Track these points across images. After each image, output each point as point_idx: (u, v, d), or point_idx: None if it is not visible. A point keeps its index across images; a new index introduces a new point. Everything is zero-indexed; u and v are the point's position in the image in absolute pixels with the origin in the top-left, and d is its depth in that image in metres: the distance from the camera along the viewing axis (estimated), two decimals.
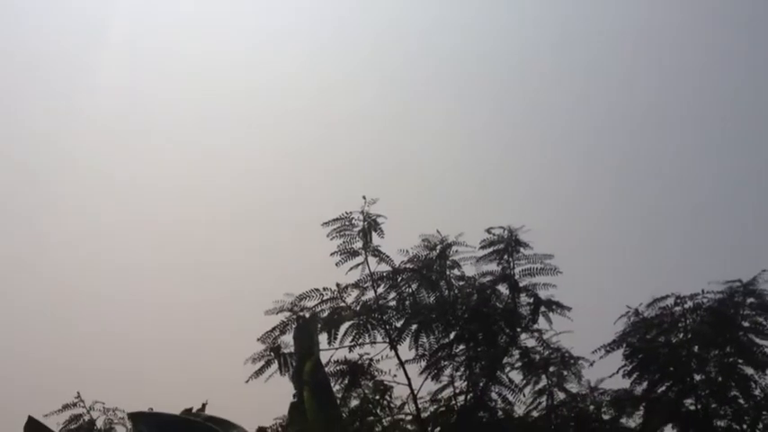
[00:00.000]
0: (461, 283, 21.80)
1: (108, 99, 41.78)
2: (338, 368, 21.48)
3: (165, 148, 41.52)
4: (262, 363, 21.46)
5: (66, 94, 42.66)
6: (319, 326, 21.62)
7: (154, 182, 41.01)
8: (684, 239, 37.51)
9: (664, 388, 20.36)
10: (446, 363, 21.50)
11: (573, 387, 20.80)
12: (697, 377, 20.25)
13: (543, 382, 20.78)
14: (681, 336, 20.37)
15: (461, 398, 21.44)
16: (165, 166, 41.45)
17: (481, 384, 21.26)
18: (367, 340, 21.52)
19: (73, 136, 41.06)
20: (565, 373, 20.71)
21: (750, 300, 20.56)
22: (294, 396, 21.79)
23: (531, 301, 21.30)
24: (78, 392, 22.14)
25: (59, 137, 41.42)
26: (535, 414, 21.09)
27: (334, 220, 21.77)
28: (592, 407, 20.87)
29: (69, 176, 40.51)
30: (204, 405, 23.14)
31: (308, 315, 21.63)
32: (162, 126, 42.09)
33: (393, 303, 21.83)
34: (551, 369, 20.71)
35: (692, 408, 20.39)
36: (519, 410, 21.22)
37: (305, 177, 40.22)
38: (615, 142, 42.07)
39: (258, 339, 21.63)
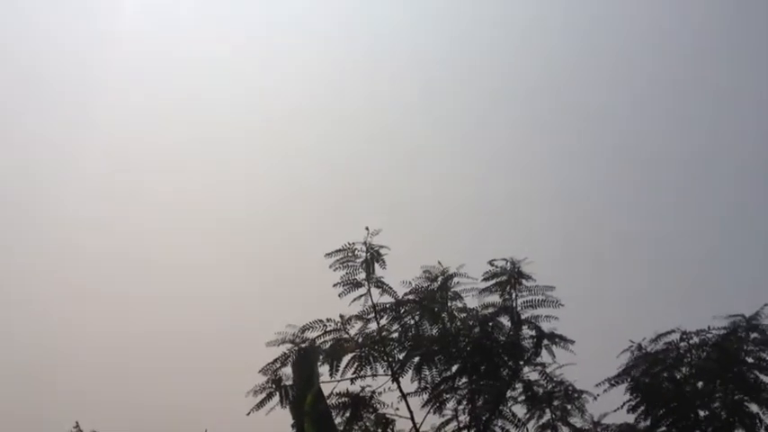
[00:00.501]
0: (463, 314, 21.52)
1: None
2: (340, 400, 21.07)
3: (168, 170, 41.07)
4: (263, 395, 21.18)
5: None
6: (321, 357, 21.33)
7: (154, 206, 40.50)
8: (690, 273, 36.90)
9: (668, 423, 20.01)
10: (449, 396, 21.12)
11: (577, 421, 20.41)
12: (702, 413, 19.93)
13: (547, 416, 20.42)
14: (685, 371, 20.10)
15: None
16: (166, 192, 40.97)
17: (484, 418, 20.93)
18: (369, 372, 21.19)
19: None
20: (569, 407, 20.32)
21: (754, 335, 20.27)
22: (293, 426, 21.44)
23: (534, 333, 21.04)
24: (77, 422, 21.91)
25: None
26: None
27: (337, 251, 21.42)
28: None
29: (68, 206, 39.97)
30: None
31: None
32: (167, 148, 41.65)
33: (396, 335, 21.59)
34: (555, 403, 20.37)
35: None
36: None
37: (308, 207, 39.80)
38: (626, 169, 41.42)
39: (260, 371, 21.28)
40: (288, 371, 21.33)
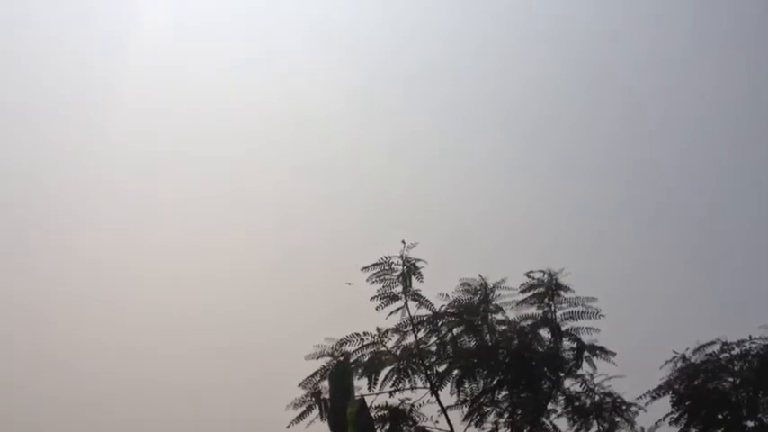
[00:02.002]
0: (503, 327, 20.84)
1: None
2: (379, 413, 20.33)
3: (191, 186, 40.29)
4: (303, 408, 20.54)
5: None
6: (360, 370, 20.81)
7: (166, 212, 39.69)
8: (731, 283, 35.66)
9: None
10: (489, 409, 20.35)
11: None
12: (749, 423, 19.21)
13: (594, 428, 19.65)
14: (730, 381, 19.38)
15: None
16: (194, 205, 40.16)
17: (525, 431, 20.32)
18: (408, 385, 20.51)
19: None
20: (617, 419, 19.57)
21: None
22: None
23: (575, 345, 20.31)
24: None
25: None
26: None
27: (373, 264, 20.79)
28: None
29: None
30: None
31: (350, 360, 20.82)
32: (179, 152, 40.90)
33: (434, 348, 20.90)
34: (604, 415, 19.65)
35: None
36: None
37: (339, 221, 38.90)
38: (666, 179, 40.20)
39: (299, 385, 20.54)
40: (326, 384, 20.84)
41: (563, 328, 20.42)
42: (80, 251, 37.83)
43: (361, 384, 20.64)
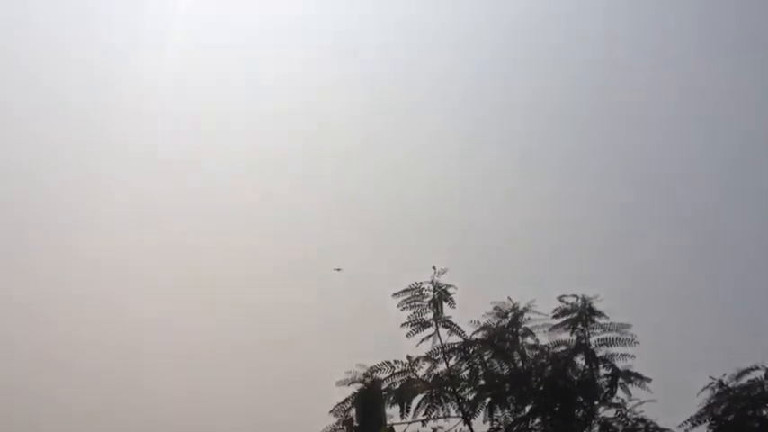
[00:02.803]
0: (535, 352, 20.43)
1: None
2: None
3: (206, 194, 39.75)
4: None
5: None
6: (391, 398, 20.49)
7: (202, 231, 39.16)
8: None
9: None
10: None
11: None
12: None
13: None
14: None
15: None
16: (194, 205, 39.62)
17: None
18: (440, 414, 20.13)
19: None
20: None
21: None
22: None
23: (609, 372, 19.94)
24: None
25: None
26: None
27: (404, 290, 20.35)
28: None
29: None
30: None
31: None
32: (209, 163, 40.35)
33: (465, 375, 20.56)
34: None
35: None
36: None
37: (342, 227, 38.42)
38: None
39: (330, 412, 20.22)
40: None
41: (597, 355, 20.04)
42: (80, 251, 37.43)
43: (392, 413, 20.31)
